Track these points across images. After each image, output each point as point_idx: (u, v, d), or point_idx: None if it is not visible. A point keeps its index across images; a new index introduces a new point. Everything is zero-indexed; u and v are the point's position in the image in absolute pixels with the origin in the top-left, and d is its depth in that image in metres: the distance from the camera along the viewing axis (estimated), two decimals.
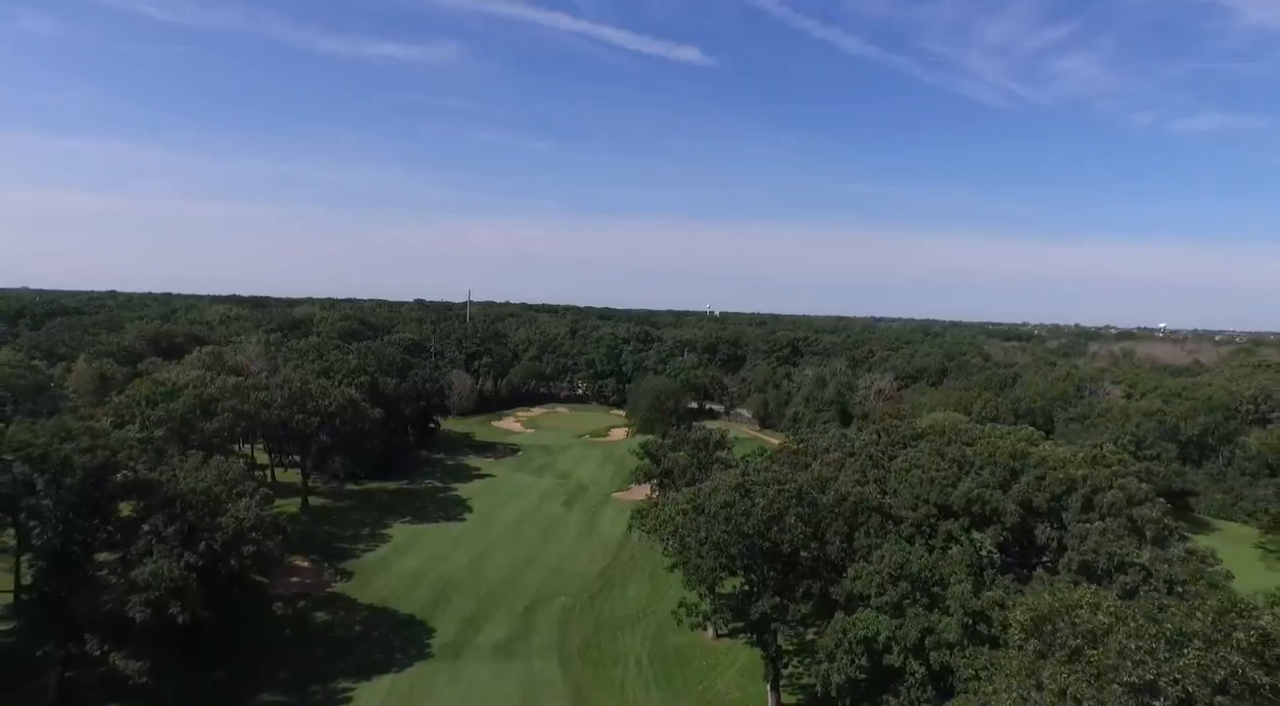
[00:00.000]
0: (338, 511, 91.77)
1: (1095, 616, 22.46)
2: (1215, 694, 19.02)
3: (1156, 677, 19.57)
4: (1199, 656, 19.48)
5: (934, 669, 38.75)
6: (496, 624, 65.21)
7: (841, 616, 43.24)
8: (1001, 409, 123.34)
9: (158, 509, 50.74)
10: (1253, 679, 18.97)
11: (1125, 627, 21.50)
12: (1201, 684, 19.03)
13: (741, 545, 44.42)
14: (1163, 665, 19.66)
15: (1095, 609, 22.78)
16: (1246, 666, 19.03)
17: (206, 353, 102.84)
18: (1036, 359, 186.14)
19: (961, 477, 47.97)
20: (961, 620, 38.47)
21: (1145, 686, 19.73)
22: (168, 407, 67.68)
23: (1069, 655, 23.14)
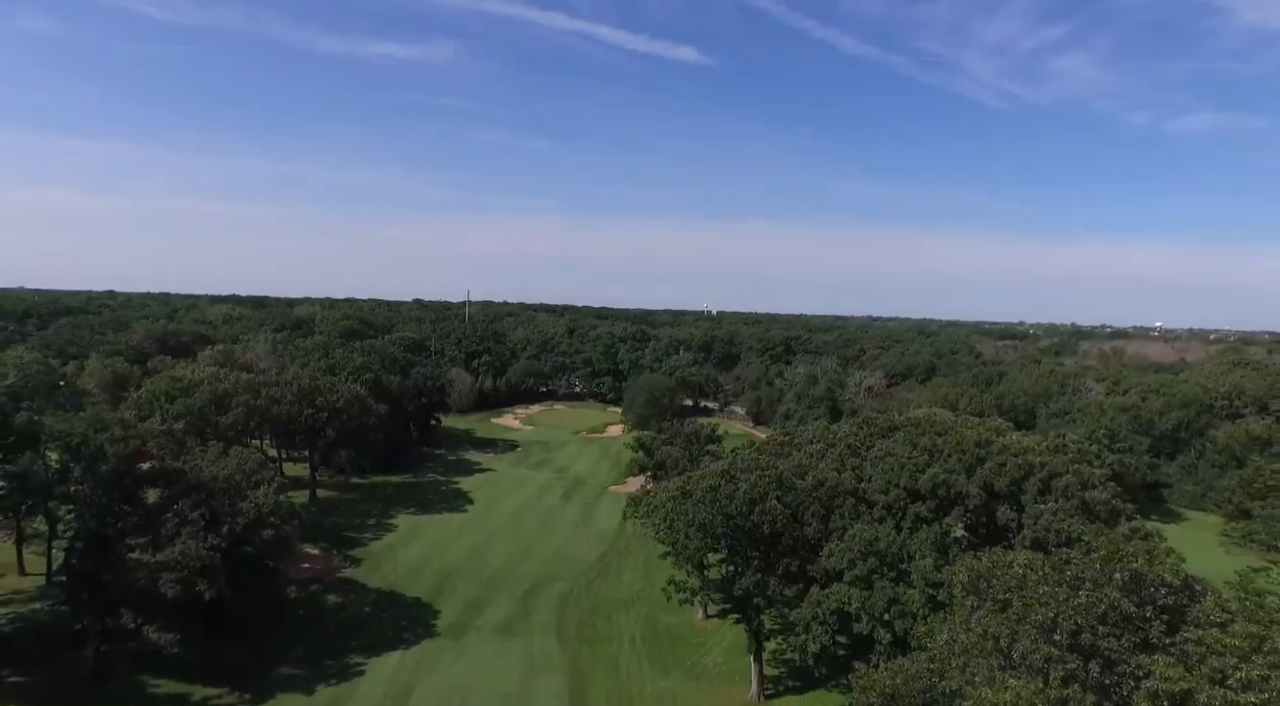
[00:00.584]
0: (344, 503, 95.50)
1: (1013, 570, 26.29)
2: (1098, 624, 22.87)
3: (1057, 615, 23.42)
4: (1088, 595, 23.36)
5: (899, 636, 42.62)
6: (498, 606, 68.97)
7: (817, 590, 47.14)
8: (986, 405, 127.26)
9: (183, 495, 54.40)
10: (1125, 609, 22.92)
11: (1035, 576, 25.38)
12: (1089, 617, 22.89)
13: (725, 526, 48.23)
14: (1061, 605, 23.53)
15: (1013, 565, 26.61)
16: (1121, 600, 22.95)
17: (218, 351, 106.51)
18: (1023, 357, 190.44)
19: (931, 464, 51.81)
20: (924, 591, 42.36)
21: (1049, 623, 23.56)
22: (185, 402, 71.36)
23: (999, 605, 26.95)
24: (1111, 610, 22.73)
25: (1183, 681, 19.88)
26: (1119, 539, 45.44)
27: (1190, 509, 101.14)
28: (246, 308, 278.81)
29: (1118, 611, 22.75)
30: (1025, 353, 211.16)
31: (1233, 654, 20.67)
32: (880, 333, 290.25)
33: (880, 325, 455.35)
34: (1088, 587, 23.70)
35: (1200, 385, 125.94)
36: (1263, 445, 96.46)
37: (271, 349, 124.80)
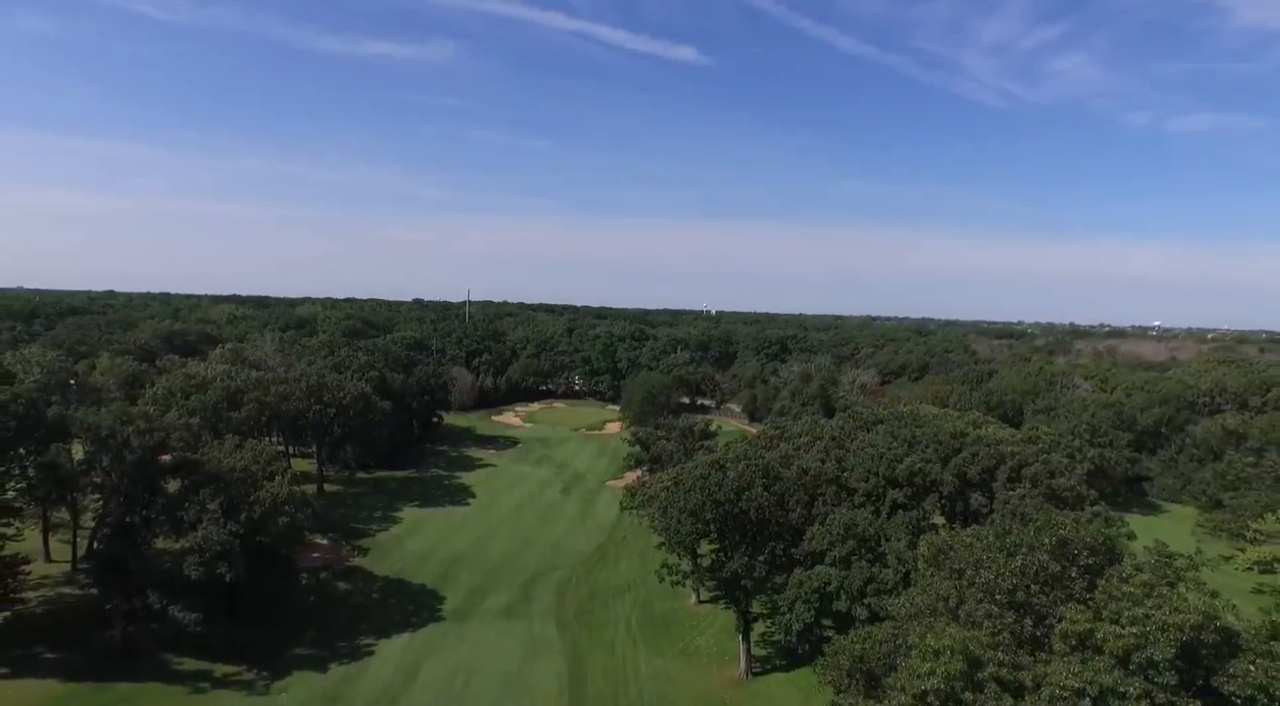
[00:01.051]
0: (351, 497, 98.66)
1: (966, 542, 29.48)
2: (1031, 583, 26.03)
3: (996, 577, 26.56)
4: (1023, 558, 26.53)
5: (875, 612, 45.79)
6: (500, 593, 72.14)
7: (800, 572, 50.34)
8: (974, 402, 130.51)
9: (203, 484, 57.55)
10: (1052, 570, 26.10)
11: (981, 544, 28.55)
12: (1023, 578, 26.06)
13: (714, 512, 51.42)
14: (1000, 568, 26.67)
15: (966, 537, 29.84)
16: (1049, 562, 26.14)
17: (228, 349, 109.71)
18: (1013, 356, 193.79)
19: (909, 454, 55.01)
20: (898, 569, 45.54)
21: (990, 584, 26.68)
22: (200, 398, 74.50)
23: (954, 574, 30.11)
24: (1041, 570, 25.96)
25: (1085, 623, 23.08)
26: (1098, 525, 48.69)
27: (1170, 502, 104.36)
28: (249, 308, 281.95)
29: (1046, 572, 25.97)
30: (1019, 351, 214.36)
31: (1129, 599, 23.83)
32: (876, 332, 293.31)
33: (879, 325, 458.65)
34: (1023, 552, 26.91)
35: (1183, 382, 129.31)
36: (1238, 439, 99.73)
37: (279, 348, 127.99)
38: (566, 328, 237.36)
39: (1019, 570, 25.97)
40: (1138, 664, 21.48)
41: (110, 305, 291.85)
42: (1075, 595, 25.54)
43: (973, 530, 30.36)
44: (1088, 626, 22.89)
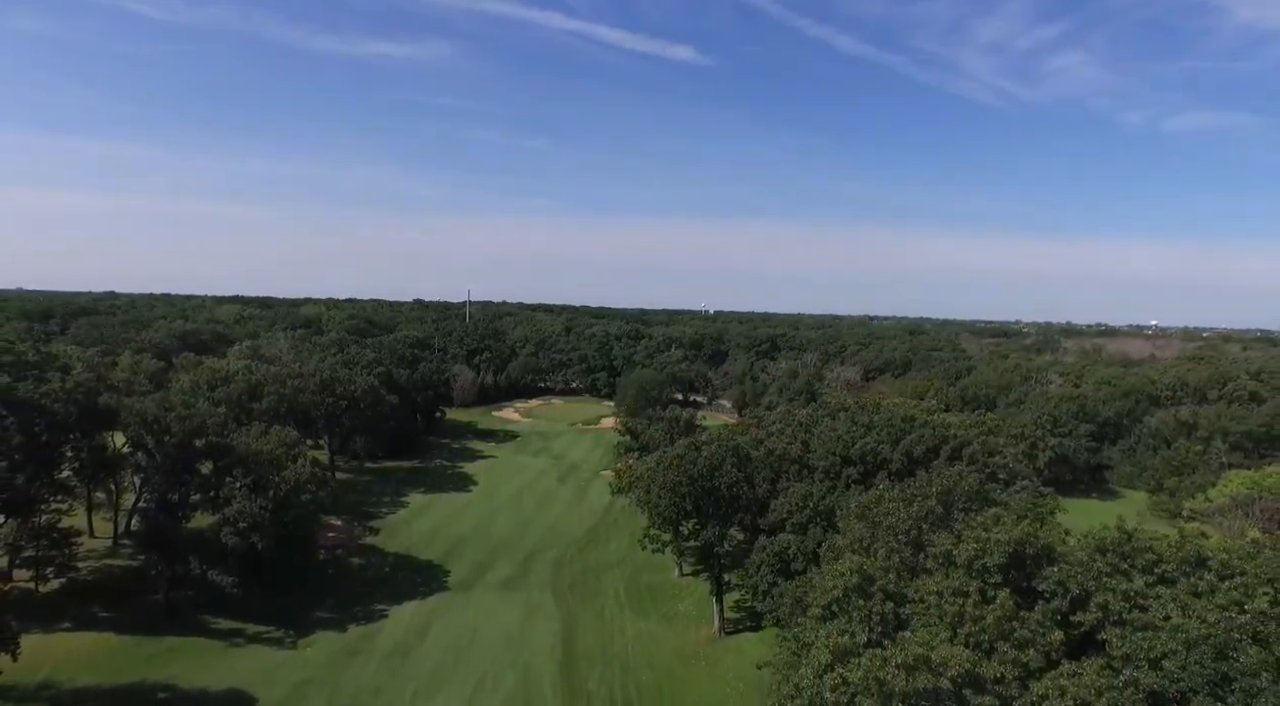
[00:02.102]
0: (361, 484, 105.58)
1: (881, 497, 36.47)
2: (921, 524, 32.88)
3: (897, 520, 33.42)
4: (918, 505, 33.43)
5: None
6: (501, 567, 79.07)
7: (764, 539, 57.31)
8: (951, 396, 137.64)
9: (234, 465, 64.51)
10: (936, 511, 33.05)
11: (890, 496, 35.48)
12: (917, 519, 32.93)
13: (690, 487, 58.34)
14: (901, 513, 33.53)
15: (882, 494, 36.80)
16: (935, 507, 33.06)
17: (246, 347, 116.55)
18: (993, 353, 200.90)
19: (864, 436, 61.99)
20: (846, 534, 52.45)
21: (893, 527, 33.51)
22: (225, 391, 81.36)
23: (871, 523, 37.03)
24: (930, 513, 32.81)
25: (948, 545, 29.96)
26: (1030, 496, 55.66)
27: (1127, 488, 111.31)
28: (254, 308, 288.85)
29: (934, 514, 32.83)
30: (998, 349, 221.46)
31: (980, 527, 30.64)
32: (864, 331, 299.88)
33: (876, 324, 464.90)
34: (918, 501, 33.77)
35: (1147, 378, 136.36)
36: (1189, 429, 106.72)
37: (291, 345, 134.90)
38: (564, 327, 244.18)
39: (914, 514, 32.86)
40: (976, 569, 28.28)
41: (116, 306, 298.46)
42: (954, 530, 32.41)
43: (885, 487, 37.22)
44: (949, 547, 29.74)
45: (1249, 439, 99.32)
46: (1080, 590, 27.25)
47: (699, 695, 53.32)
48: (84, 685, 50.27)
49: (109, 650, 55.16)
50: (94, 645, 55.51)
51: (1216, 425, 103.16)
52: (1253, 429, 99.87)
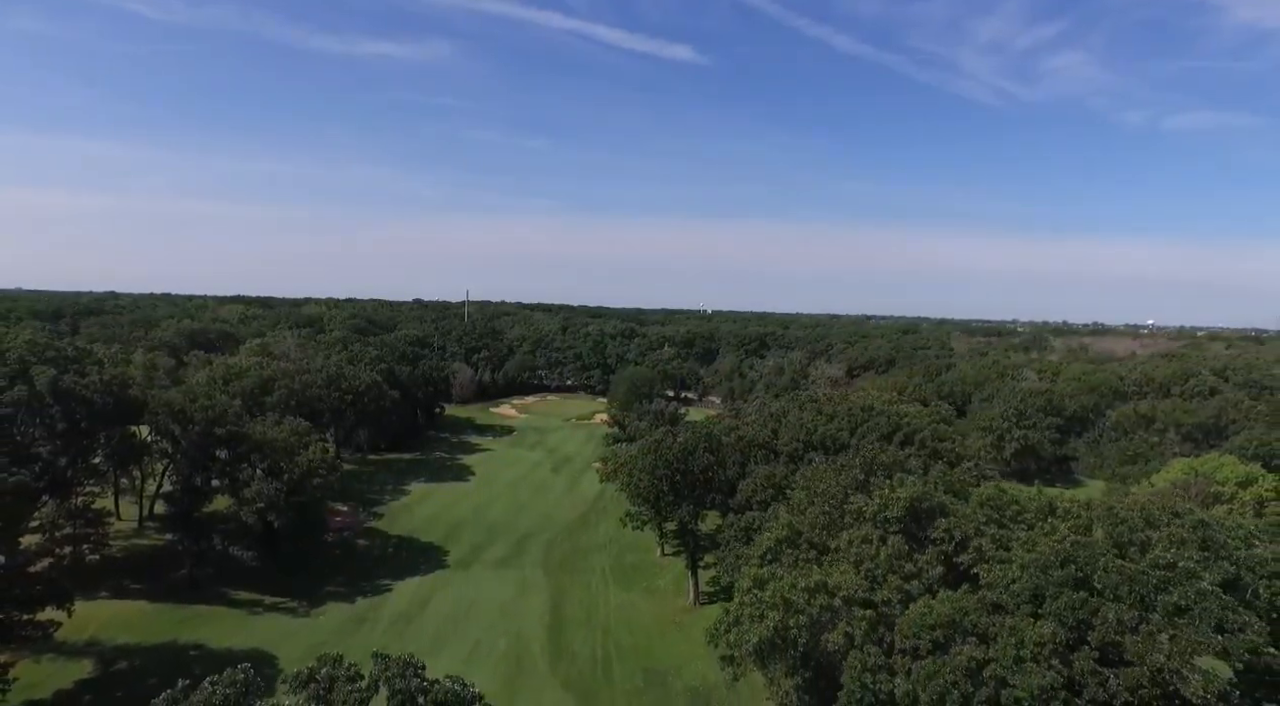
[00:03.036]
0: (365, 474, 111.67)
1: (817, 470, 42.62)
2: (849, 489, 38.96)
3: (828, 487, 39.53)
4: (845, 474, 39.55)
5: None
6: (497, 548, 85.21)
7: (733, 516, 63.46)
8: (928, 391, 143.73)
9: (251, 451, 70.62)
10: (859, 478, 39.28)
11: (823, 469, 41.68)
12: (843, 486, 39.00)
13: (666, 469, 64.51)
14: (831, 481, 39.62)
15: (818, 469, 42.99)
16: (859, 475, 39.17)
17: (256, 344, 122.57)
18: (972, 350, 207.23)
19: (827, 424, 68.17)
20: None
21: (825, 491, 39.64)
22: (239, 385, 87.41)
23: (810, 491, 43.17)
24: (854, 481, 38.92)
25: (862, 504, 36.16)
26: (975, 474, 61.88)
27: (1090, 478, 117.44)
28: (256, 308, 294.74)
29: (857, 481, 38.94)
30: (978, 346, 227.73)
31: (887, 487, 36.78)
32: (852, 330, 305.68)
33: (874, 323, 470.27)
34: (845, 471, 39.90)
35: (1116, 374, 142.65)
36: (1147, 422, 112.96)
37: (298, 343, 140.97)
38: (561, 326, 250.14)
39: (841, 482, 38.97)
40: (879, 521, 34.35)
41: (120, 306, 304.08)
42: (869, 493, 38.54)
43: (824, 460, 43.32)
44: (863, 505, 35.78)
45: (1199, 430, 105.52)
46: (963, 536, 33.29)
47: (671, 654, 59.55)
48: (124, 643, 56.47)
49: (143, 615, 61.35)
50: (129, 611, 61.70)
51: (1171, 417, 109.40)
52: (1202, 420, 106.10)
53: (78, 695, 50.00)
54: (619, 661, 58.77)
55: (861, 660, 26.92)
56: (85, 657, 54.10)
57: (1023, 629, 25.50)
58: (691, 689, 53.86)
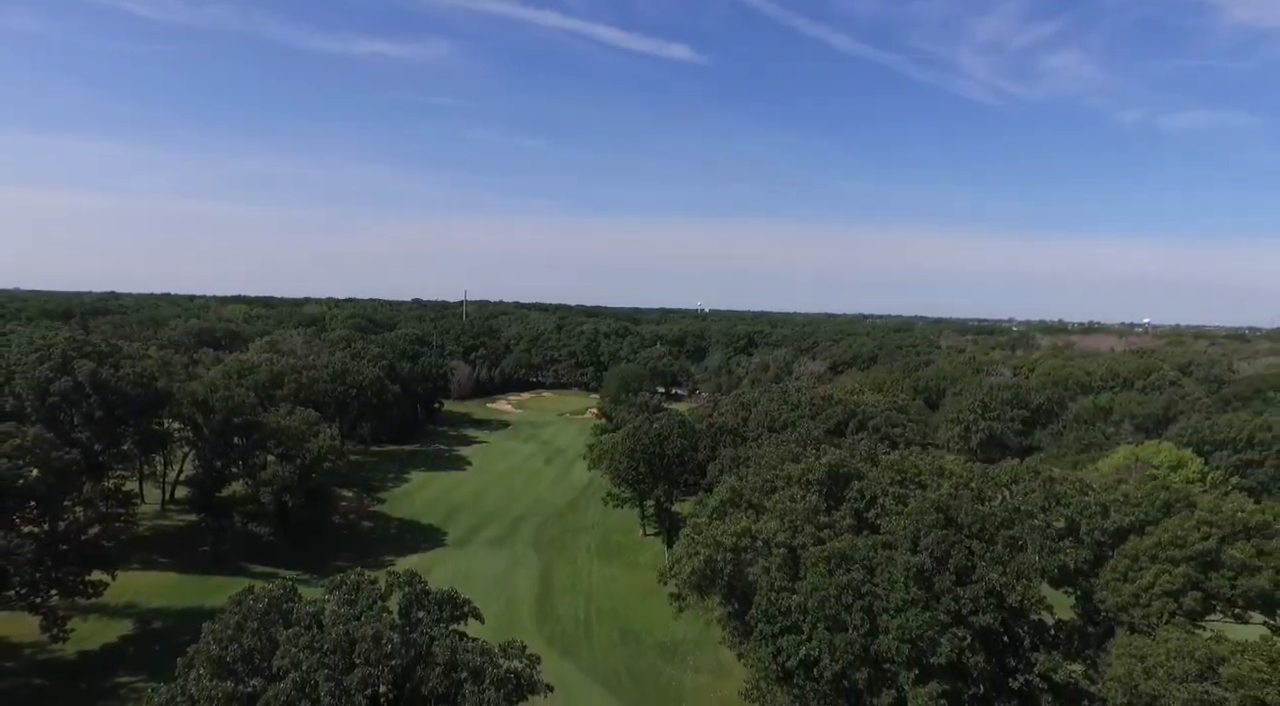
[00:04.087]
0: (368, 464, 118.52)
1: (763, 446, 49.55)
2: (785, 459, 45.89)
3: (770, 459, 46.34)
4: (782, 447, 46.37)
5: None
6: (491, 529, 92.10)
7: (704, 494, 70.34)
8: (904, 386, 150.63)
9: (267, 438, 77.43)
10: (794, 450, 46.17)
11: (767, 446, 48.52)
12: (781, 457, 45.90)
13: (643, 453, 71.44)
14: (771, 454, 46.51)
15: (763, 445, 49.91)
16: (796, 448, 46.00)
17: (265, 342, 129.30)
18: (950, 348, 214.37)
19: (790, 412, 75.10)
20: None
21: (767, 464, 46.50)
22: (252, 379, 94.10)
23: (757, 465, 50.09)
24: (790, 453, 45.77)
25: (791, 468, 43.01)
26: (931, 458, 68.84)
27: (1052, 466, 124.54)
28: (258, 308, 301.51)
29: (792, 453, 45.77)
30: (963, 343, 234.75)
31: (815, 458, 43.73)
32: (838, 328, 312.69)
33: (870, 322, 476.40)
34: (783, 445, 46.82)
35: (1084, 369, 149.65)
36: (1105, 413, 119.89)
37: (304, 341, 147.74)
38: (556, 325, 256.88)
39: (779, 454, 45.71)
40: (802, 483, 41.01)
41: (123, 306, 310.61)
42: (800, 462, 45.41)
43: (767, 440, 50.16)
44: (791, 470, 42.56)
45: (1150, 420, 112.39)
46: (872, 495, 39.98)
47: (646, 617, 66.41)
48: (157, 607, 63.37)
49: (171, 584, 68.23)
50: (159, 581, 68.58)
51: (1125, 410, 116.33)
52: (1153, 411, 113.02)
53: (121, 647, 56.92)
54: (599, 623, 65.74)
55: (769, 582, 33.62)
56: (125, 618, 60.99)
57: (898, 559, 32.12)
58: (661, 643, 60.84)
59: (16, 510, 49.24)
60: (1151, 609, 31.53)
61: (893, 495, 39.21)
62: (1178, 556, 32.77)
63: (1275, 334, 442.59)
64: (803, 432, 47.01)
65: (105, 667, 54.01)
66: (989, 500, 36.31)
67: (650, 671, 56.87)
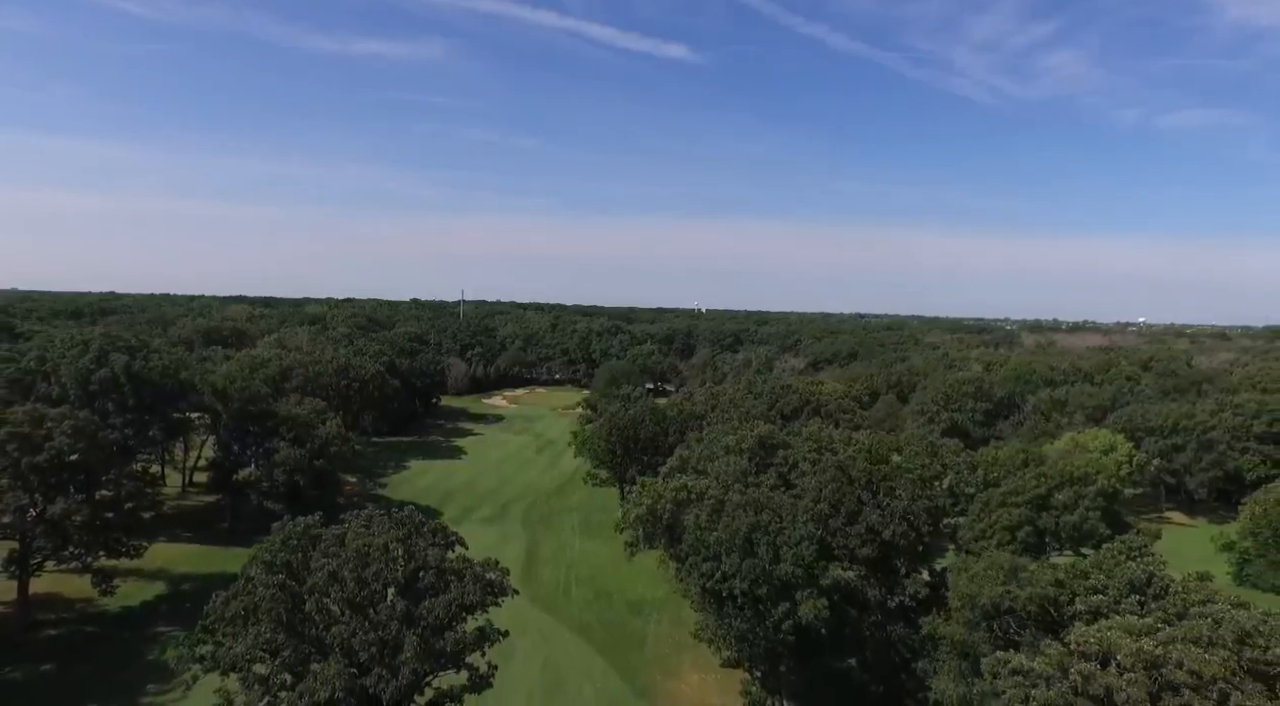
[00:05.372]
0: (369, 453, 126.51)
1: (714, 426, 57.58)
2: (727, 435, 53.81)
3: (715, 435, 54.35)
4: (726, 425, 54.33)
5: None
6: (484, 509, 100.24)
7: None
8: (877, 381, 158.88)
9: (280, 425, 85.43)
10: (734, 428, 54.24)
11: (719, 430, 56.44)
12: (724, 431, 53.96)
13: (619, 436, 79.52)
14: (717, 430, 54.40)
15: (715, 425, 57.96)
16: (735, 424, 54.00)
17: (273, 339, 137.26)
18: (925, 345, 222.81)
19: (752, 401, 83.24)
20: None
21: (715, 440, 54.48)
22: (264, 373, 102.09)
23: (708, 441, 58.18)
24: (731, 428, 54.06)
25: (731, 439, 51.05)
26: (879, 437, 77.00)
27: None
28: (260, 307, 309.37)
29: (734, 428, 54.09)
30: (938, 340, 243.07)
31: (745, 431, 51.67)
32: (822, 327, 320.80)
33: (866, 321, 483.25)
34: (726, 422, 54.92)
35: (1047, 364, 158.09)
36: (1061, 405, 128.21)
37: (310, 338, 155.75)
38: (550, 324, 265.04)
39: (723, 429, 53.73)
40: (735, 450, 48.79)
41: (126, 305, 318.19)
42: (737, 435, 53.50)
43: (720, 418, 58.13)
44: (728, 441, 50.61)
45: (1099, 411, 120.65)
46: (794, 460, 47.86)
47: (619, 582, 74.56)
48: (184, 572, 71.42)
49: (196, 554, 76.30)
50: (184, 552, 76.64)
51: (1078, 401, 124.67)
52: (1101, 402, 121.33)
53: (156, 604, 65.03)
54: (577, 586, 73.96)
55: (697, 523, 41.58)
56: (158, 581, 69.08)
57: (800, 506, 40.06)
58: (630, 602, 69.09)
59: (71, 482, 57.17)
60: (993, 541, 39.42)
61: (809, 460, 47.18)
62: (1018, 500, 40.79)
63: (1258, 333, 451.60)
64: (743, 412, 54.60)
65: (144, 620, 62.09)
66: (882, 462, 44.24)
67: (619, 622, 65.12)
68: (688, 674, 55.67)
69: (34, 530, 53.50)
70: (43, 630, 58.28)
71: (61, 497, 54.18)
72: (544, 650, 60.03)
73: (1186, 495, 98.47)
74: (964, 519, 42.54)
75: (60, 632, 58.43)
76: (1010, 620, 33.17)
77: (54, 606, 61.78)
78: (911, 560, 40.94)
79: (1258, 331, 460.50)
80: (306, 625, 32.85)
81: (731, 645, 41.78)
